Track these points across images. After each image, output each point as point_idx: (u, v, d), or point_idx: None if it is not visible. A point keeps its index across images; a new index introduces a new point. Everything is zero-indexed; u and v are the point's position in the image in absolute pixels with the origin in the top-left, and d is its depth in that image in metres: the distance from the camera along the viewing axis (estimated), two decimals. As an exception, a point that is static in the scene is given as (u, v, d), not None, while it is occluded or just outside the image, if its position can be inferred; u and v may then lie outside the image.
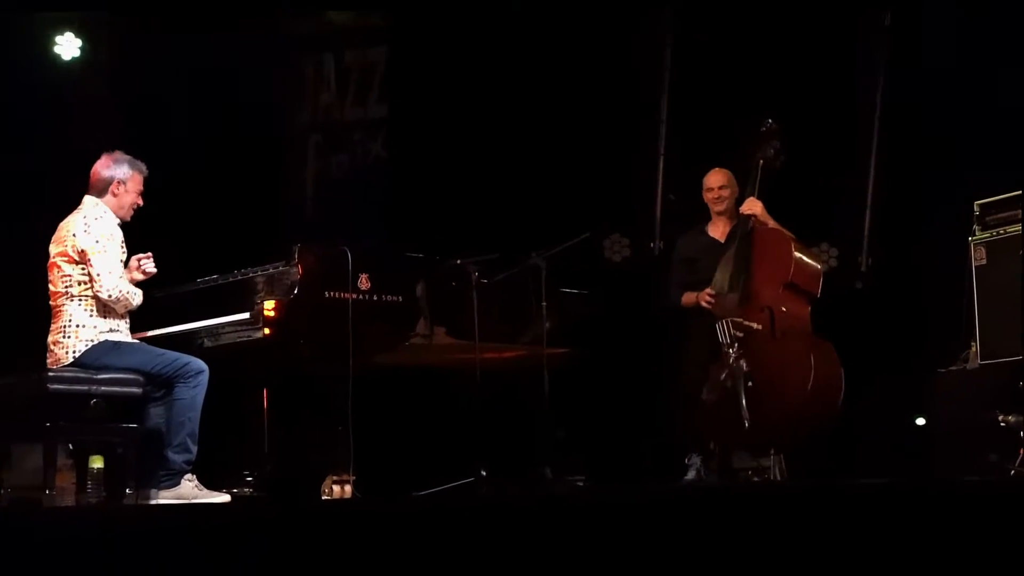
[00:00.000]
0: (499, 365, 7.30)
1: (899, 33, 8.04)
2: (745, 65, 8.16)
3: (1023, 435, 5.96)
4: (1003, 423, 6.05)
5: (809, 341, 6.49)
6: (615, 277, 8.36)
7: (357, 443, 6.51)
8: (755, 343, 6.53)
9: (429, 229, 8.19)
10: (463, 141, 8.65)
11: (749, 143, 6.97)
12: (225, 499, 6.21)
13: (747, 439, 6.48)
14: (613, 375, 7.77)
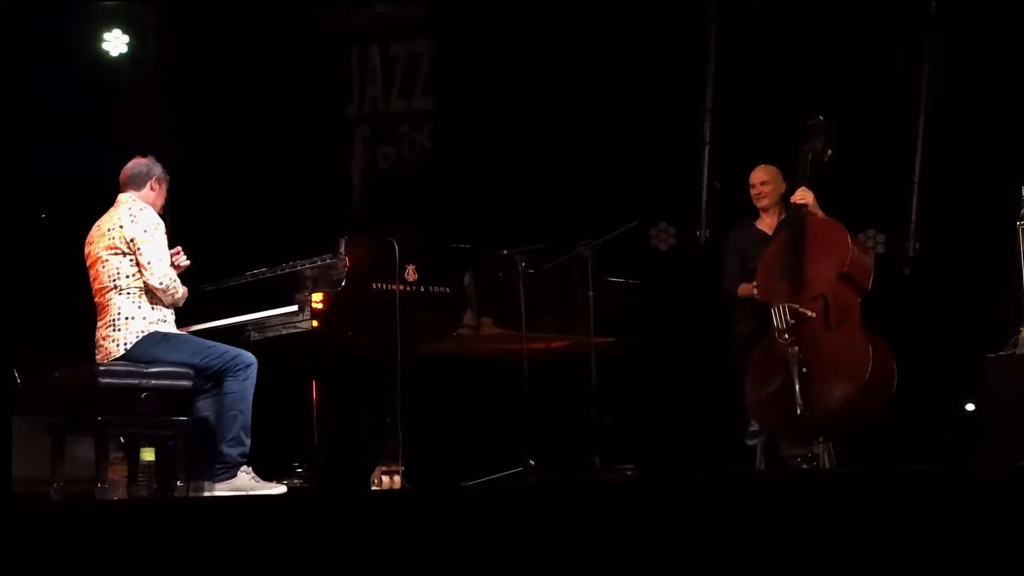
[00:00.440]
0: (546, 355, 7.30)
1: (944, 16, 7.98)
2: (789, 51, 8.12)
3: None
4: (1053, 408, 6.01)
5: (866, 332, 6.48)
6: (661, 266, 8.34)
7: (406, 433, 6.54)
8: (810, 331, 6.52)
9: (476, 220, 8.21)
10: (509, 131, 8.66)
11: (797, 136, 6.95)
12: (281, 490, 6.25)
13: (797, 426, 6.47)
14: (661, 363, 7.75)
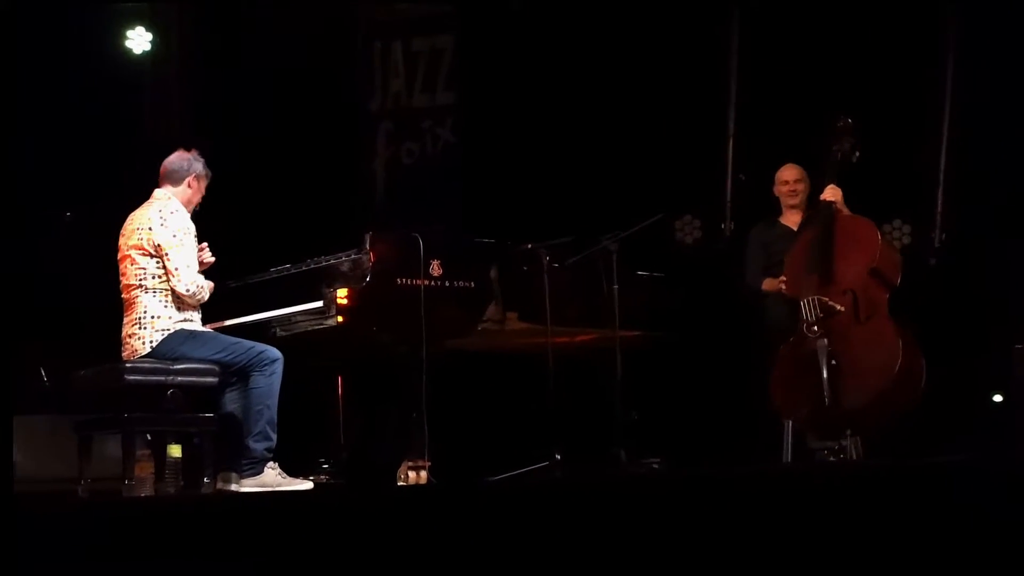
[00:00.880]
0: (572, 349, 7.29)
1: (970, 5, 7.94)
2: (813, 42, 8.09)
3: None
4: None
5: (896, 327, 6.48)
6: (686, 259, 8.32)
7: (432, 429, 6.54)
8: (839, 325, 6.53)
9: (500, 214, 8.20)
10: (533, 125, 8.65)
11: (825, 136, 6.94)
12: (308, 486, 6.26)
13: (825, 419, 6.47)
14: (686, 357, 7.73)
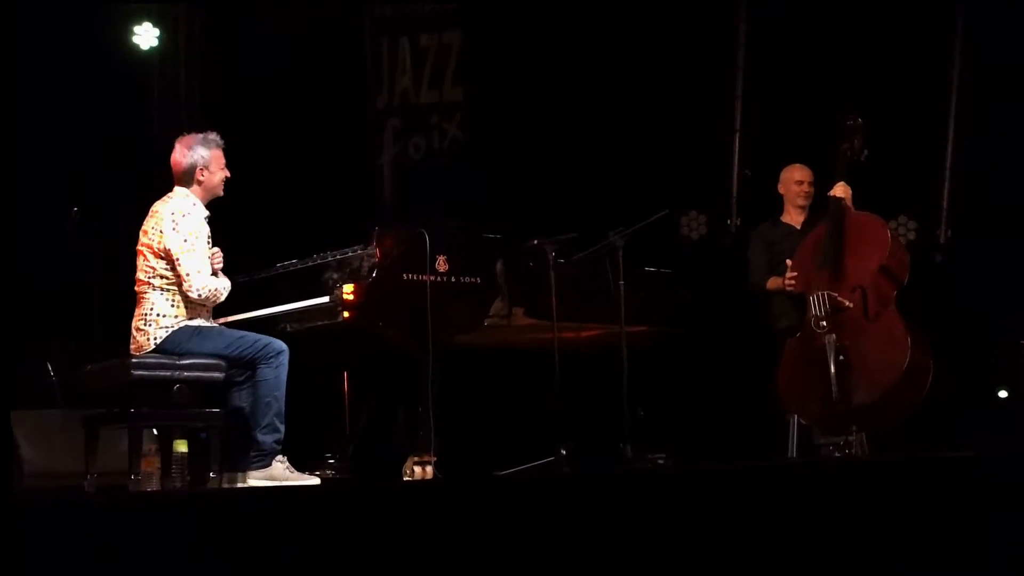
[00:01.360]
0: (578, 344, 7.30)
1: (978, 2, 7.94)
2: (820, 36, 8.09)
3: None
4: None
5: (904, 324, 6.48)
6: (693, 254, 8.33)
7: (438, 424, 6.55)
8: (847, 321, 6.54)
9: (507, 210, 8.21)
10: (540, 121, 8.65)
11: (834, 135, 6.94)
12: (315, 481, 6.26)
13: (832, 415, 6.47)
14: (692, 352, 7.74)
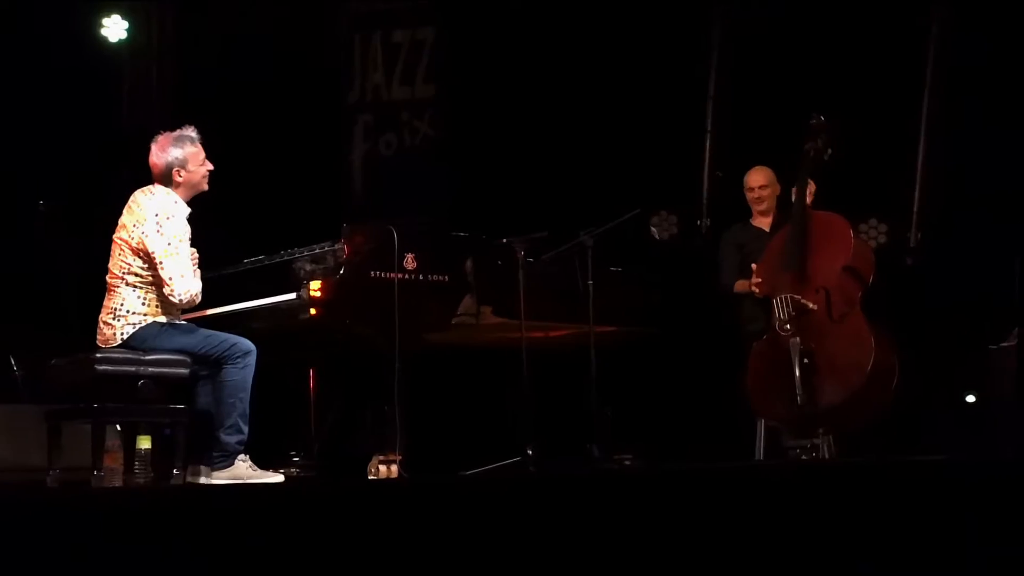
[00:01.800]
0: (546, 344, 7.28)
1: (951, 4, 7.96)
2: (793, 39, 8.10)
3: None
4: (1052, 400, 6.00)
5: (869, 325, 6.49)
6: (663, 255, 8.33)
7: (405, 423, 6.52)
8: (812, 323, 6.54)
9: (477, 208, 8.19)
10: (511, 119, 8.64)
11: (800, 135, 6.95)
12: (279, 479, 6.24)
13: (798, 417, 6.47)
14: (661, 353, 7.74)
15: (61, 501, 5.37)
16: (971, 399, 7.47)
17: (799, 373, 6.39)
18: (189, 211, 6.17)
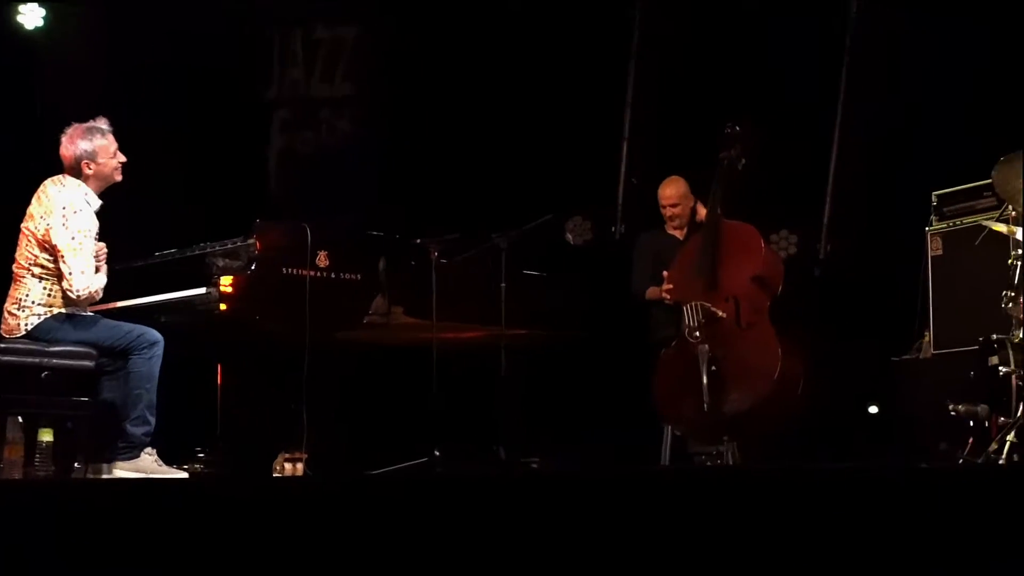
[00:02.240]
0: (457, 345, 7.28)
1: (863, 23, 8.05)
2: (710, 49, 8.16)
3: (972, 424, 6.00)
4: (953, 412, 6.08)
5: (776, 335, 6.56)
6: (576, 259, 8.35)
7: (313, 421, 6.50)
8: (720, 331, 6.61)
9: (394, 208, 8.17)
10: (431, 120, 8.63)
11: (715, 144, 7.01)
12: (183, 476, 6.19)
13: (704, 424, 6.52)
14: (572, 357, 7.76)
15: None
16: (874, 410, 7.56)
17: (706, 380, 6.45)
18: (100, 203, 6.11)
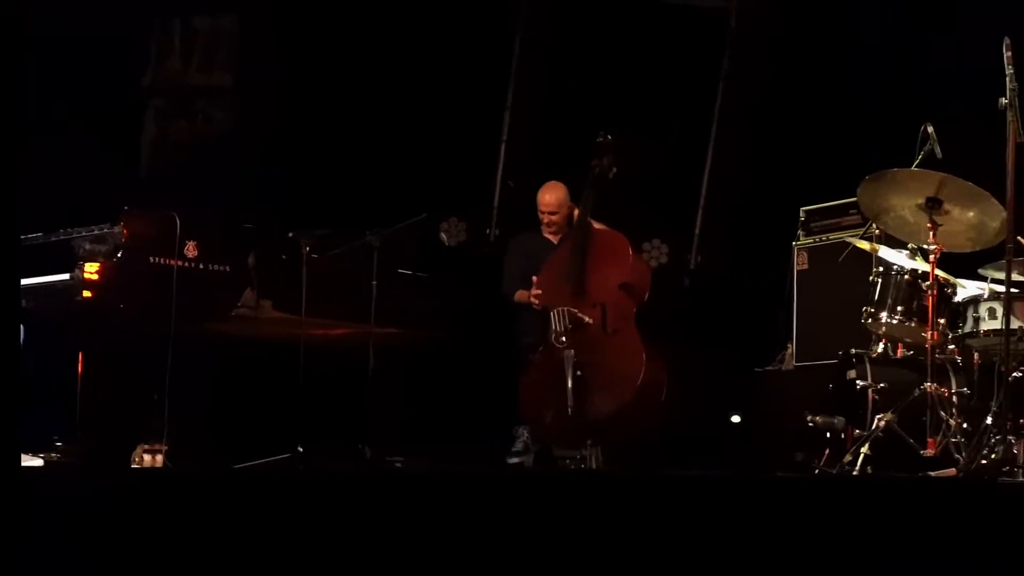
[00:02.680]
0: (326, 341, 7.24)
1: (741, 38, 8.16)
2: (590, 59, 8.22)
3: (829, 436, 6.11)
4: (811, 423, 6.19)
5: (641, 342, 6.62)
6: (450, 260, 8.35)
7: (174, 413, 6.42)
8: (587, 336, 6.66)
9: (268, 201, 8.10)
10: (310, 115, 8.57)
11: (587, 153, 7.05)
12: (37, 463, 6.08)
13: (568, 428, 6.57)
14: (441, 357, 7.76)
15: None
16: (736, 419, 7.66)
17: (572, 384, 6.49)
18: None
